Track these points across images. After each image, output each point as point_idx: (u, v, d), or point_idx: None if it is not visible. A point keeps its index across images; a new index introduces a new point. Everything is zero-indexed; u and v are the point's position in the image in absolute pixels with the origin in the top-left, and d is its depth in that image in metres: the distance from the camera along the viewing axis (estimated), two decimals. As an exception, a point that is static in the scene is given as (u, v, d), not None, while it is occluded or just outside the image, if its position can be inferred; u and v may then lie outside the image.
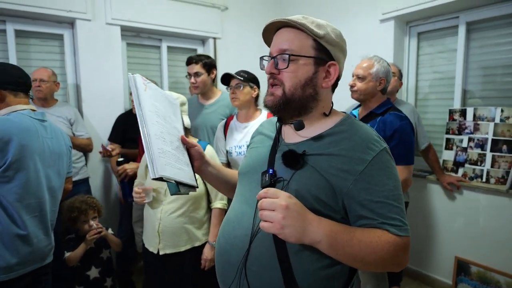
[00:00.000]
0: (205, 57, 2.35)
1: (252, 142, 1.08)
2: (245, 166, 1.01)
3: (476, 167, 2.31)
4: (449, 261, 2.44)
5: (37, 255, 1.45)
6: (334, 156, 0.83)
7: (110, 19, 2.73)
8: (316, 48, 0.86)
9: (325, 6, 3.20)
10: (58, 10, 2.50)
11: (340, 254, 0.76)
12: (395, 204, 0.80)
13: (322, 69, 0.87)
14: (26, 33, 2.57)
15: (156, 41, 3.15)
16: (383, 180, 0.81)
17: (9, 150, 1.32)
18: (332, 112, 0.92)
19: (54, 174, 1.53)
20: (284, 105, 0.87)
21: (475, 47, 2.46)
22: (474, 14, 2.40)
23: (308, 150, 0.85)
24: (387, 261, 0.78)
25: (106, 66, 2.74)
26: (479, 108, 2.32)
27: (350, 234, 0.77)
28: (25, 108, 1.49)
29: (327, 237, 0.74)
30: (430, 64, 2.73)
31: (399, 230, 0.79)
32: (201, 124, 2.36)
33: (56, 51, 2.71)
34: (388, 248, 0.77)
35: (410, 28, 2.77)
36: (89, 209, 1.99)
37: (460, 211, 2.40)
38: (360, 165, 0.80)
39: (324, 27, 0.86)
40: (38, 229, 1.44)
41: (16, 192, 1.35)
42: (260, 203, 0.74)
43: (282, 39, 0.87)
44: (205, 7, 3.17)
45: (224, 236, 0.94)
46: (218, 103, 2.39)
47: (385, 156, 0.83)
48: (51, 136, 1.54)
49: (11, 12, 2.40)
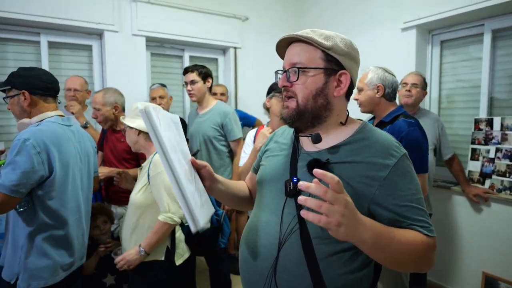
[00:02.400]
0: (200, 67, 2.42)
1: (268, 150, 1.08)
2: (265, 174, 1.01)
3: (505, 178, 2.22)
4: (476, 277, 2.34)
5: (78, 256, 1.54)
6: (358, 164, 0.84)
7: (136, 30, 2.84)
8: (325, 59, 0.88)
9: (346, 16, 3.21)
10: (88, 23, 2.64)
11: (380, 254, 0.77)
12: (419, 207, 0.83)
13: (333, 79, 0.89)
14: (58, 44, 2.72)
15: (179, 51, 3.25)
16: (406, 184, 0.83)
17: (51, 160, 1.36)
18: (349, 121, 0.93)
19: (85, 176, 1.59)
20: (298, 116, 0.89)
21: (501, 55, 2.39)
22: (500, 22, 2.34)
23: (330, 158, 0.87)
24: (418, 260, 0.81)
25: (131, 75, 2.84)
26: (507, 118, 2.24)
27: (391, 235, 0.77)
28: (53, 114, 1.51)
29: (373, 238, 0.72)
30: (453, 72, 2.67)
31: (428, 230, 0.82)
32: (195, 132, 2.44)
33: (85, 61, 2.84)
34: (423, 248, 0.80)
35: (432, 36, 2.73)
36: (97, 213, 1.92)
37: (488, 224, 2.30)
38: (384, 171, 0.82)
39: (332, 38, 0.88)
40: (78, 229, 1.53)
41: (60, 198, 1.41)
42: (318, 192, 0.65)
43: (292, 53, 0.91)
44: (226, 18, 3.25)
45: (249, 245, 0.94)
46: (211, 112, 2.43)
47: (405, 161, 0.86)
48: (79, 139, 1.58)
49: (45, 25, 2.56)
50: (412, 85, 2.24)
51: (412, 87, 2.23)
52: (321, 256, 0.83)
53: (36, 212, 1.37)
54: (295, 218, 0.86)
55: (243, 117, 3.18)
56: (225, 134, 2.41)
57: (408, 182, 0.83)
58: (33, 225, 1.37)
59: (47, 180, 1.36)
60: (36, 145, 1.31)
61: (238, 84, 3.41)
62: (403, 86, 2.28)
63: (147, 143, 1.66)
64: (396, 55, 2.78)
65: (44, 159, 1.34)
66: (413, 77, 2.26)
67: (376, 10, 2.94)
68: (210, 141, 2.40)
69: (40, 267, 1.38)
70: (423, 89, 2.28)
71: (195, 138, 2.43)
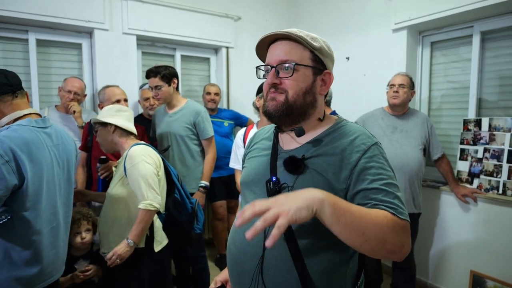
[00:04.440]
0: (163, 68, 2.31)
1: (249, 152, 1.10)
2: (247, 176, 1.03)
3: (492, 178, 2.26)
4: (464, 275, 2.37)
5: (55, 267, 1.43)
6: (330, 155, 0.87)
7: (127, 28, 2.81)
8: (313, 59, 0.91)
9: (338, 17, 3.23)
10: (78, 20, 2.60)
11: (342, 222, 0.71)
12: (389, 190, 0.80)
13: (319, 78, 0.93)
14: (47, 42, 2.67)
15: (171, 50, 3.23)
16: (376, 170, 0.83)
17: (22, 169, 1.25)
18: (326, 117, 0.98)
19: (63, 181, 1.49)
20: (287, 111, 0.90)
21: (490, 57, 2.43)
22: (489, 23, 2.37)
23: (306, 154, 0.90)
24: (388, 238, 0.74)
25: (122, 74, 2.81)
26: (495, 118, 2.28)
27: (349, 203, 0.76)
28: (26, 113, 1.38)
29: (327, 198, 0.71)
30: (443, 73, 2.71)
31: (395, 211, 0.77)
32: (165, 132, 2.38)
33: (74, 60, 2.80)
34: (387, 222, 0.74)
35: (423, 37, 2.76)
36: (83, 219, 1.80)
37: (475, 223, 2.34)
38: (353, 159, 0.85)
39: (318, 40, 0.92)
40: (55, 238, 1.42)
41: (35, 208, 1.31)
42: (254, 212, 0.70)
43: (282, 50, 0.91)
44: (218, 17, 3.24)
45: (236, 245, 0.96)
46: (182, 111, 2.39)
47: (376, 149, 0.87)
48: (57, 142, 1.45)
49: (33, 22, 2.51)
50: (399, 86, 2.27)
51: (399, 87, 2.27)
52: (305, 250, 0.84)
53: (13, 224, 1.27)
54: None
55: (236, 117, 3.17)
56: (198, 132, 2.38)
57: (378, 168, 0.84)
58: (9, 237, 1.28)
59: (19, 190, 1.26)
60: (3, 154, 1.20)
61: (230, 83, 3.40)
62: (391, 88, 2.31)
63: (122, 139, 1.73)
64: (387, 55, 2.80)
65: (14, 167, 1.23)
66: (399, 78, 2.30)
67: (368, 11, 2.95)
68: (183, 140, 2.36)
69: (12, 279, 1.28)
70: (410, 89, 2.30)
71: (166, 138, 2.38)
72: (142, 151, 1.67)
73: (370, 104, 2.63)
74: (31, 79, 2.60)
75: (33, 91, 2.61)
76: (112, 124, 1.70)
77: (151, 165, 1.64)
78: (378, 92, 2.74)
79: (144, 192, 1.60)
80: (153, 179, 1.63)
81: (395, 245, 0.76)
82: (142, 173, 1.60)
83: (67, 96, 2.34)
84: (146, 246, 1.66)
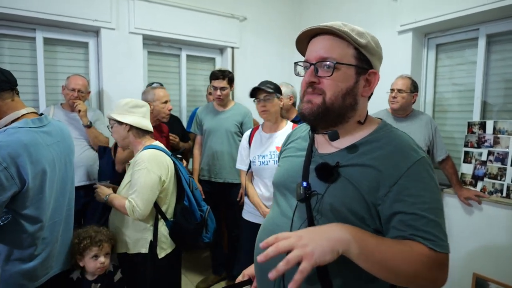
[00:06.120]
0: (228, 73, 2.63)
1: (285, 151, 1.07)
2: (279, 177, 1.00)
3: (496, 181, 2.26)
4: (467, 278, 2.37)
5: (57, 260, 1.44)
6: (367, 167, 0.79)
7: (133, 28, 2.83)
8: (357, 57, 0.83)
9: (343, 17, 3.22)
10: (85, 19, 2.62)
11: (370, 261, 0.69)
12: (430, 218, 0.74)
13: (362, 78, 0.84)
14: (54, 40, 2.69)
15: (176, 50, 3.24)
16: (418, 192, 0.75)
17: (22, 173, 1.22)
18: (368, 120, 0.88)
19: (66, 176, 1.48)
20: (323, 114, 0.83)
21: (496, 60, 2.42)
22: (495, 26, 2.37)
23: (341, 161, 0.83)
24: (420, 275, 0.70)
25: (128, 73, 2.83)
26: (499, 121, 2.27)
27: (379, 239, 0.72)
28: (24, 112, 1.34)
29: (354, 238, 0.68)
30: (448, 76, 2.70)
31: (434, 244, 0.72)
32: (217, 127, 2.68)
33: (81, 58, 2.83)
34: (422, 260, 0.70)
35: (428, 40, 2.76)
36: (105, 241, 1.59)
37: (479, 226, 2.34)
38: (394, 176, 0.76)
39: (365, 35, 0.84)
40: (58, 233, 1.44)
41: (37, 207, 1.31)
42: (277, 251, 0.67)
43: (322, 47, 0.83)
44: (224, 17, 3.25)
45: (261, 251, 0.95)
46: (232, 111, 2.72)
47: (422, 166, 0.78)
48: (57, 139, 1.42)
49: (41, 21, 2.53)
50: (398, 91, 2.28)
51: (398, 93, 2.28)
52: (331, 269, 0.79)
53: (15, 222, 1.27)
54: (305, 222, 0.84)
55: None
56: (242, 131, 2.65)
57: (421, 189, 0.75)
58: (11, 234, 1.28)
59: (19, 193, 1.24)
60: (1, 160, 1.17)
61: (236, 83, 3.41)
62: (391, 92, 2.33)
63: (136, 140, 1.70)
64: (392, 57, 2.80)
65: (13, 173, 1.19)
66: (400, 82, 2.30)
67: (373, 12, 2.95)
68: (232, 136, 2.66)
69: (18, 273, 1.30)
70: (411, 92, 2.30)
71: (217, 132, 2.67)
72: (151, 157, 1.62)
73: (375, 106, 2.62)
74: (38, 77, 2.62)
75: (40, 89, 2.63)
76: (128, 124, 1.66)
77: (155, 175, 1.60)
78: (382, 93, 2.74)
79: (136, 198, 1.57)
80: (152, 190, 1.59)
81: (426, 280, 0.72)
82: (140, 181, 1.58)
83: (71, 94, 2.36)
84: (149, 252, 1.64)
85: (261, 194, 2.04)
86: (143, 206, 1.57)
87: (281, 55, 3.61)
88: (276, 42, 3.59)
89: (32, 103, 2.59)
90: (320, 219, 0.83)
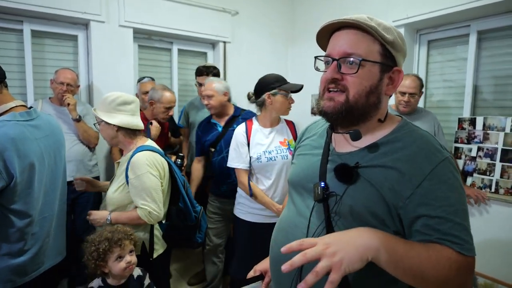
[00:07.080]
0: (213, 68, 2.65)
1: (299, 148, 1.02)
2: (295, 175, 0.97)
3: (485, 177, 2.29)
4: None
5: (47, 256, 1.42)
6: (389, 168, 0.76)
7: (123, 21, 2.78)
8: (382, 53, 0.79)
9: (335, 12, 3.21)
10: (73, 12, 2.56)
11: (399, 268, 0.67)
12: (456, 221, 0.71)
13: (386, 76, 0.81)
14: (42, 33, 2.63)
15: (167, 44, 3.20)
16: (444, 193, 0.73)
17: (9, 167, 1.20)
18: (388, 118, 0.85)
19: (56, 170, 1.46)
20: (346, 113, 0.79)
21: (486, 56, 2.44)
22: (486, 23, 2.39)
23: (361, 161, 0.79)
24: (449, 280, 0.69)
25: (118, 67, 2.79)
26: (489, 118, 2.30)
27: (407, 244, 0.70)
28: (12, 105, 1.32)
29: (383, 244, 0.66)
30: (439, 72, 2.72)
31: (461, 248, 0.70)
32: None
33: (70, 52, 2.77)
34: (450, 265, 0.68)
35: (420, 36, 2.77)
36: (125, 239, 1.41)
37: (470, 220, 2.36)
38: (418, 178, 0.73)
39: (391, 31, 0.80)
40: (49, 228, 1.42)
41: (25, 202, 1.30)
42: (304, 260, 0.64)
43: (346, 41, 0.79)
44: (216, 12, 3.21)
45: (278, 244, 0.91)
46: None
47: (446, 167, 0.75)
48: (46, 133, 1.39)
49: (28, 12, 2.47)
50: (410, 95, 2.22)
51: (410, 97, 2.23)
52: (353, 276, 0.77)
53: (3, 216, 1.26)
54: (322, 223, 0.82)
55: None
56: None
57: (446, 191, 0.73)
58: None
59: (7, 187, 1.22)
60: None
61: (227, 78, 3.39)
62: (402, 95, 2.24)
63: (126, 139, 1.62)
64: (384, 53, 2.81)
65: (1, 167, 1.18)
66: (412, 85, 2.22)
67: (366, 8, 2.95)
68: None
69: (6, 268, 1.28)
70: (420, 91, 2.29)
71: None
72: (148, 159, 1.55)
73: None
74: (25, 71, 2.56)
75: (28, 83, 2.58)
76: (115, 125, 1.56)
77: (156, 177, 1.55)
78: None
79: (145, 202, 1.52)
80: (157, 192, 1.55)
81: (455, 285, 0.71)
82: (146, 186, 1.51)
83: (60, 88, 2.32)
84: (142, 253, 1.59)
85: (264, 189, 1.95)
86: (158, 208, 1.55)
87: (274, 49, 3.59)
88: (269, 36, 3.57)
89: (19, 97, 2.51)
90: (338, 220, 0.81)
